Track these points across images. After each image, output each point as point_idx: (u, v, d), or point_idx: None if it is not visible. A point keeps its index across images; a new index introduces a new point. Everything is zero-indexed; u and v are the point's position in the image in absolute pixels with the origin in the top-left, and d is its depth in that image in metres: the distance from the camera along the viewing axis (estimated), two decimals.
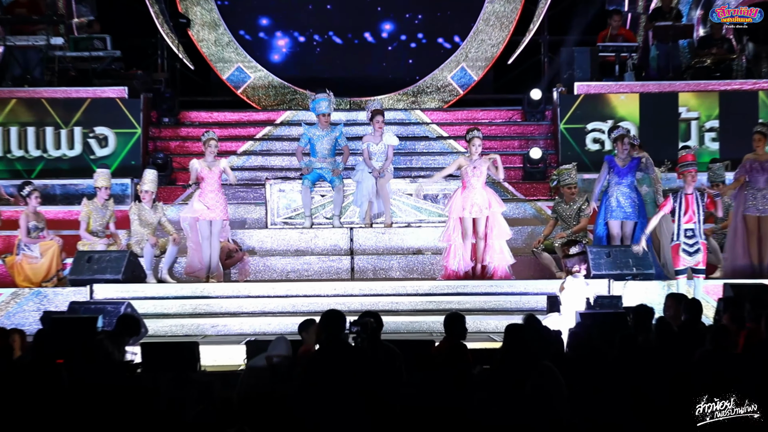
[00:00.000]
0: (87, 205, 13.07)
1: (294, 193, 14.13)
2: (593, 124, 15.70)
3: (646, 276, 11.89)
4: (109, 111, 15.69)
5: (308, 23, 18.54)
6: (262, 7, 18.52)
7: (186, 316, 11.90)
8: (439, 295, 12.01)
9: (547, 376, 6.65)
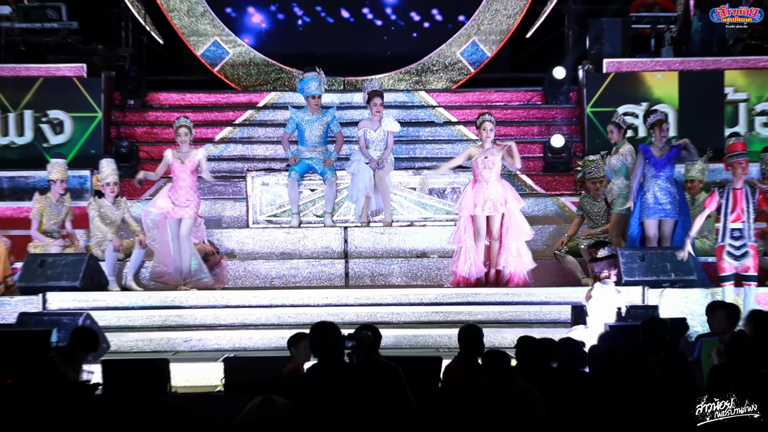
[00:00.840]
0: (39, 201, 13.07)
1: (279, 187, 14.14)
2: (625, 107, 15.68)
3: (686, 283, 11.88)
4: (64, 92, 15.71)
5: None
6: None
7: (154, 329, 11.90)
8: (447, 305, 12.00)
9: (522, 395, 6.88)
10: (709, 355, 8.87)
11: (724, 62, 16.03)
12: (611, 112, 15.53)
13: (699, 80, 15.81)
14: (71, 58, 16.11)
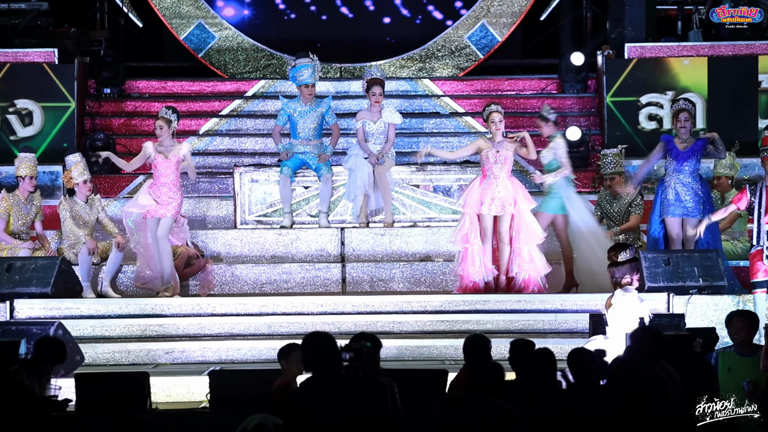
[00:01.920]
0: (6, 200, 13.11)
1: (270, 184, 14.17)
2: (648, 97, 15.76)
3: (715, 289, 11.91)
4: (34, 79, 15.78)
5: None
6: None
7: (133, 339, 11.94)
8: (454, 313, 12.06)
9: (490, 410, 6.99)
10: (728, 369, 8.90)
11: (758, 47, 16.08)
12: (634, 102, 15.66)
13: (730, 67, 15.86)
14: (41, 42, 16.15)
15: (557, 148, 12.78)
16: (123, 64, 17.15)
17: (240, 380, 9.29)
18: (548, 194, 12.83)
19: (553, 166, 12.74)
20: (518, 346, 8.13)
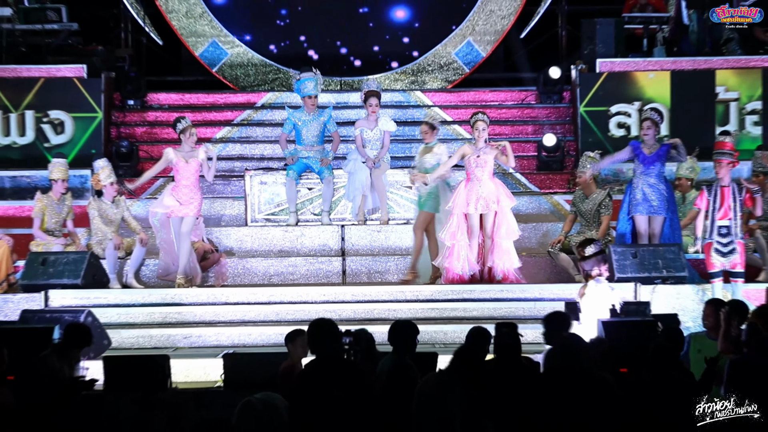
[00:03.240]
0: (41, 200, 13.11)
1: (277, 185, 14.16)
2: (618, 107, 15.74)
3: (678, 279, 11.93)
4: (65, 92, 15.71)
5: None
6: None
7: (155, 325, 11.94)
8: (443, 302, 12.04)
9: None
10: (698, 350, 8.90)
11: (715, 62, 16.04)
12: (605, 111, 15.66)
13: (691, 80, 15.81)
14: (71, 59, 16.11)
15: (441, 154, 12.72)
16: (145, 78, 17.13)
17: (251, 362, 9.30)
18: (428, 194, 12.70)
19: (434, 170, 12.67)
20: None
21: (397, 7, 18.59)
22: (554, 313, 8.74)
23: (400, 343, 8.01)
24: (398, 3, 18.59)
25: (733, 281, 11.69)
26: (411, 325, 8.09)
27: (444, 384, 7.22)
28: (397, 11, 18.60)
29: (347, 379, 7.21)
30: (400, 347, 7.99)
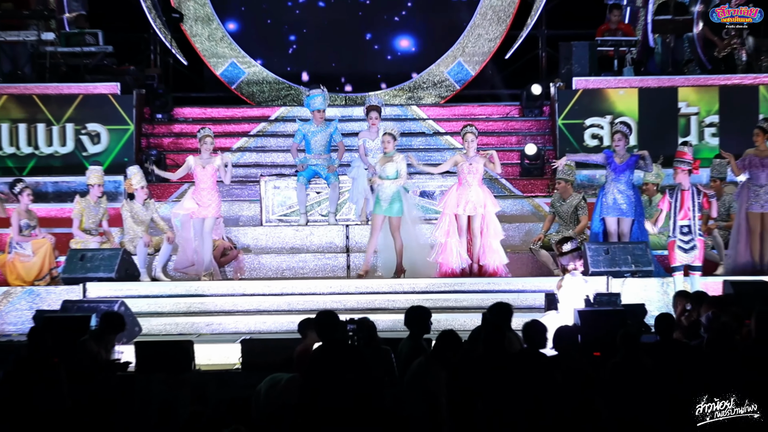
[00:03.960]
0: (80, 203, 13.12)
1: (289, 190, 14.15)
2: (591, 120, 15.73)
3: (644, 273, 11.94)
4: (101, 107, 15.70)
5: (303, 20, 18.53)
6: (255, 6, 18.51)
7: (180, 314, 11.95)
8: (436, 293, 12.03)
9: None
10: None
11: (677, 80, 16.02)
12: (580, 124, 15.66)
13: (656, 96, 15.78)
14: (107, 78, 16.11)
15: (400, 162, 12.59)
16: (171, 94, 17.12)
17: (266, 347, 9.33)
18: (392, 200, 12.49)
19: (393, 177, 12.52)
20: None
21: (401, 36, 18.53)
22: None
23: (416, 326, 7.99)
24: (402, 32, 18.54)
25: (692, 274, 11.71)
26: (425, 310, 8.06)
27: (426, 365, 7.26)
28: (401, 41, 18.55)
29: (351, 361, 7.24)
30: (416, 330, 7.98)
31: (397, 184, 12.50)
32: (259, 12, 18.44)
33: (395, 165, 12.55)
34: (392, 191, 12.50)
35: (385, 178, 12.56)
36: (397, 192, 12.52)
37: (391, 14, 18.54)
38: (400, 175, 12.52)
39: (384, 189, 12.52)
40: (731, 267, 12.51)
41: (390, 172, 12.53)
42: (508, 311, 8.26)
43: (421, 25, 18.55)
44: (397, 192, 12.52)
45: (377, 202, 12.58)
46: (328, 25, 18.50)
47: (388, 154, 12.66)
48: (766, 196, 12.47)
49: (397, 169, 12.53)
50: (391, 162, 12.58)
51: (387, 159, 12.62)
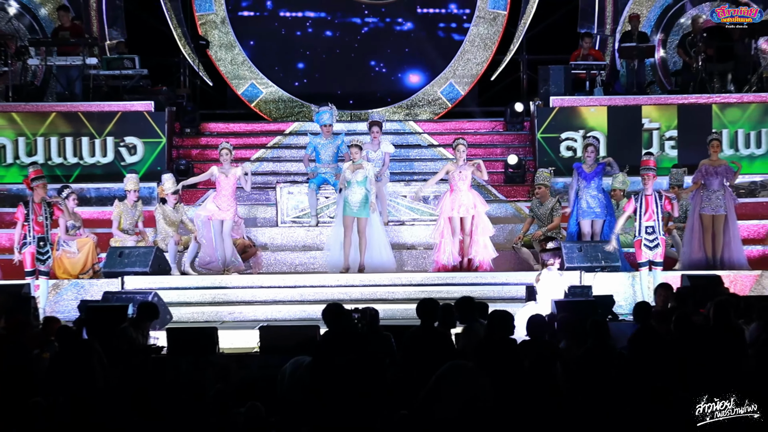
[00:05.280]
0: (118, 206, 13.13)
1: (301, 195, 14.16)
2: (566, 134, 15.69)
3: (613, 268, 11.96)
4: (137, 123, 15.68)
5: (313, 47, 18.53)
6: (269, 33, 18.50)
7: (206, 304, 11.96)
8: (431, 285, 12.05)
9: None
10: None
11: (641, 99, 16.01)
12: (557, 137, 15.65)
13: (622, 113, 15.74)
14: (142, 97, 16.10)
15: (367, 169, 12.57)
16: (199, 111, 17.08)
17: (281, 333, 9.34)
18: (362, 203, 12.41)
19: (363, 183, 12.47)
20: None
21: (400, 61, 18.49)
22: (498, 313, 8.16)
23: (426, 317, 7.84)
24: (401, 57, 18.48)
25: (654, 269, 11.71)
26: (434, 302, 7.93)
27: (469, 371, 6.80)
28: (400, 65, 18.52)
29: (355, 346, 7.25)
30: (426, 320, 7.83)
31: (364, 190, 12.41)
32: (275, 40, 18.42)
33: (364, 172, 12.48)
34: (361, 195, 12.43)
35: (355, 183, 12.44)
36: (365, 196, 12.44)
37: (390, 42, 18.51)
38: (369, 180, 12.47)
39: (353, 194, 12.43)
40: (687, 262, 12.51)
41: (359, 178, 12.45)
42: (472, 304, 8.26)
43: (416, 51, 18.51)
44: (365, 196, 12.44)
45: (347, 205, 12.46)
46: (335, 51, 18.48)
47: (356, 162, 12.55)
48: (717, 201, 12.48)
49: (366, 176, 12.46)
50: (361, 169, 12.50)
51: (356, 166, 12.52)
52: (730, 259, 12.39)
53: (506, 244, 13.53)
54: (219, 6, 18.16)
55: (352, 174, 12.45)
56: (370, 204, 12.45)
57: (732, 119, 15.59)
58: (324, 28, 18.46)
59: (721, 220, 12.45)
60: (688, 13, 17.36)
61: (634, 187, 13.49)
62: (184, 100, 16.98)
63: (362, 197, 12.42)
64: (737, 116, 15.60)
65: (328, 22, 18.44)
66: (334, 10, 18.41)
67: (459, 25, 18.31)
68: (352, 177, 12.44)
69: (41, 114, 15.67)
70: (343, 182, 12.56)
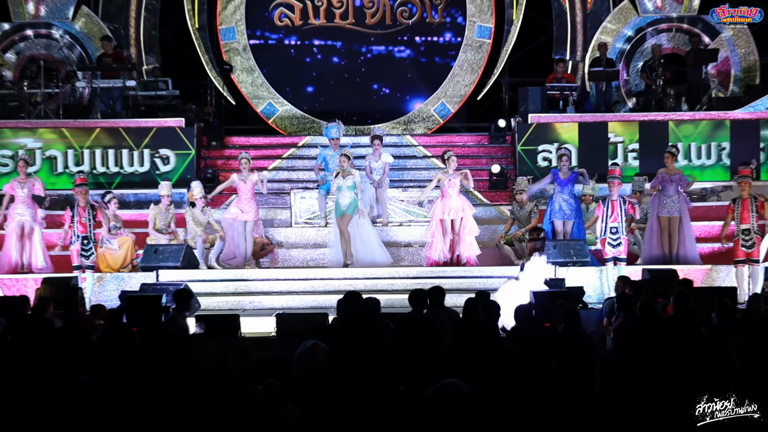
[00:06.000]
0: (154, 209, 13.16)
1: (312, 199, 14.18)
2: (543, 146, 15.71)
3: (583, 263, 11.96)
4: (170, 137, 15.71)
5: (322, 71, 18.54)
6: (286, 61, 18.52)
7: (229, 294, 11.97)
8: (425, 278, 12.01)
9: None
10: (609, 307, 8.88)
11: (607, 116, 16.01)
12: (535, 149, 15.66)
13: (591, 128, 15.74)
14: (174, 114, 16.12)
15: (355, 175, 12.63)
16: (223, 126, 17.15)
17: (295, 319, 9.36)
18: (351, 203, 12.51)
19: (352, 187, 12.56)
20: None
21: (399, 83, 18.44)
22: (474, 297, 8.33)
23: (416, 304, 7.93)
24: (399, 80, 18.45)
25: (618, 264, 11.73)
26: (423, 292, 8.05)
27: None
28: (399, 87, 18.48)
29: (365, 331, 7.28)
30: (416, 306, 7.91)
31: (353, 194, 12.50)
32: (290, 65, 18.44)
33: (352, 178, 12.59)
34: (350, 199, 12.53)
35: (345, 188, 12.53)
36: (353, 199, 12.54)
37: (392, 68, 18.52)
38: (357, 186, 12.53)
39: (343, 197, 12.56)
40: (647, 258, 12.53)
41: (349, 183, 12.54)
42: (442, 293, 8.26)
43: (415, 75, 18.54)
44: (354, 199, 12.54)
45: (338, 207, 12.59)
46: (342, 75, 18.50)
47: (346, 170, 12.61)
48: (672, 205, 12.50)
49: (354, 181, 12.55)
50: (350, 175, 12.59)
51: (346, 173, 12.61)
52: (684, 256, 12.40)
53: (490, 242, 13.55)
54: (241, 35, 18.19)
55: (342, 180, 12.55)
56: (358, 210, 12.55)
57: (686, 134, 15.61)
58: (332, 55, 18.46)
59: (676, 222, 12.47)
60: (648, 42, 17.38)
61: (602, 192, 13.53)
62: (211, 117, 17.01)
63: (351, 200, 12.51)
64: (690, 131, 15.62)
65: (336, 49, 18.44)
66: (341, 38, 18.41)
67: (457, 53, 18.29)
68: (342, 183, 12.54)
69: (87, 129, 15.71)
70: (335, 188, 12.68)
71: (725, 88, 17.06)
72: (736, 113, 15.63)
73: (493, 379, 6.42)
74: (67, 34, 17.38)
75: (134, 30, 17.78)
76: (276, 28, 18.33)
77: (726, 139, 15.50)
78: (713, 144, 15.54)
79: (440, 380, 6.09)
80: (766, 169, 15.42)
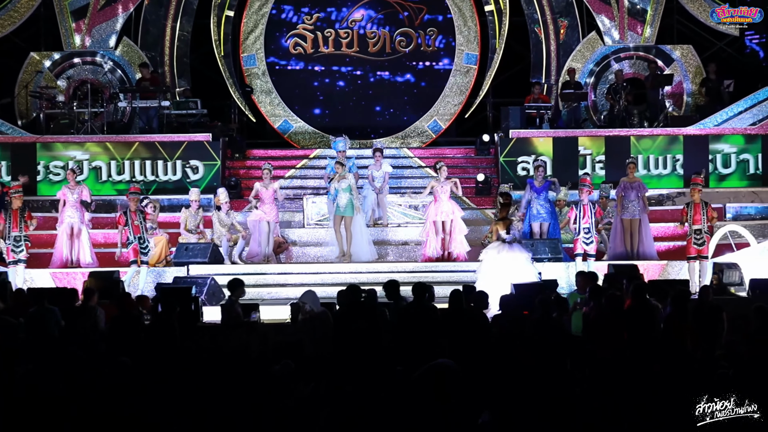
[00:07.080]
0: (185, 213, 13.16)
1: (322, 204, 14.17)
2: (522, 158, 15.70)
3: (557, 259, 11.97)
4: (199, 149, 15.70)
5: (330, 93, 18.54)
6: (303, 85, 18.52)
7: (250, 286, 11.86)
8: (420, 272, 12.07)
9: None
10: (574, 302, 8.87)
11: (578, 132, 15.99)
12: (515, 160, 15.65)
13: (564, 142, 15.74)
14: (203, 130, 16.11)
15: (350, 180, 12.61)
16: (245, 141, 17.13)
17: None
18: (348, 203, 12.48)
19: (348, 190, 12.54)
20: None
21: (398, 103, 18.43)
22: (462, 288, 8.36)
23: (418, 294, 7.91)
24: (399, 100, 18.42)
25: (589, 259, 11.73)
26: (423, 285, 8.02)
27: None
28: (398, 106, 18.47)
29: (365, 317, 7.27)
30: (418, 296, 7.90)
31: (349, 195, 12.48)
32: (302, 87, 18.46)
33: (347, 181, 12.60)
34: (346, 200, 12.51)
35: (341, 190, 12.53)
36: (349, 200, 12.51)
37: (390, 90, 18.53)
38: (352, 187, 12.52)
39: (340, 198, 12.54)
40: (612, 255, 12.53)
41: (344, 186, 12.55)
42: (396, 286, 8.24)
43: (411, 96, 18.55)
44: (350, 200, 12.52)
45: (337, 208, 12.60)
46: (349, 97, 18.50)
47: (341, 174, 12.62)
48: (632, 208, 12.51)
49: (348, 184, 12.56)
50: (345, 179, 12.60)
51: (341, 177, 12.62)
52: (644, 253, 12.41)
53: (476, 241, 13.53)
54: (260, 62, 18.20)
55: (338, 183, 12.58)
56: (355, 209, 12.51)
57: (645, 147, 15.61)
58: (338, 80, 18.46)
59: (636, 223, 12.47)
60: (612, 68, 17.40)
61: (573, 197, 13.54)
62: (234, 133, 16.96)
63: (347, 201, 12.50)
64: (649, 145, 15.62)
65: (342, 74, 18.43)
66: (347, 65, 18.42)
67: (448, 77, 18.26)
68: (338, 186, 12.56)
69: (128, 143, 15.70)
70: (332, 190, 12.71)
71: (679, 108, 17.09)
72: (688, 129, 15.67)
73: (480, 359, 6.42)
74: (110, 61, 17.41)
75: (168, 57, 17.80)
76: (290, 56, 18.34)
77: (680, 152, 15.50)
78: (669, 156, 15.55)
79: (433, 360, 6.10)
80: (714, 177, 15.46)
